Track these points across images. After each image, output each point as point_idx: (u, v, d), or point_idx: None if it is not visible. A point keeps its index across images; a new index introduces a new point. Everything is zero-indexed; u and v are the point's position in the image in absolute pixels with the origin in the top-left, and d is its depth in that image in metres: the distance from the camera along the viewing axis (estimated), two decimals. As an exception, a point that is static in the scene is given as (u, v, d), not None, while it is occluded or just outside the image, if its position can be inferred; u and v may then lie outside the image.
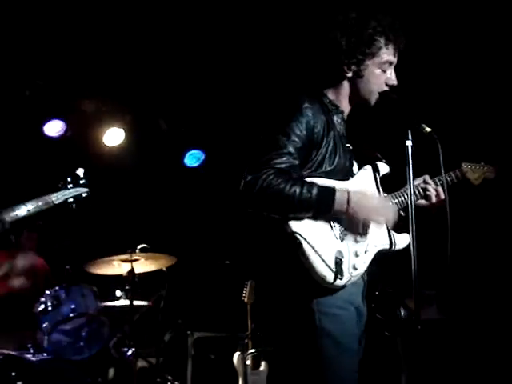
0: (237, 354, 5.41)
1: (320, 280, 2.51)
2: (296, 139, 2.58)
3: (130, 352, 4.76)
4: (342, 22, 2.76)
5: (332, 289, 2.56)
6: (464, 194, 3.05)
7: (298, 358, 2.59)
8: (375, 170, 2.87)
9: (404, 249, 2.78)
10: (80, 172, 3.63)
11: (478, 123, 5.18)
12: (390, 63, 2.79)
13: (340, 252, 2.58)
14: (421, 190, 2.92)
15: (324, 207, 2.56)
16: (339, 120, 2.80)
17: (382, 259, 2.82)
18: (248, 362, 5.41)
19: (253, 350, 5.38)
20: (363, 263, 2.65)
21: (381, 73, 2.77)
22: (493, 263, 5.10)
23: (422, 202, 2.94)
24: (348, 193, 2.58)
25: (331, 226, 2.61)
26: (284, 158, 2.54)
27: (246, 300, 5.50)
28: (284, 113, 2.66)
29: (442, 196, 2.89)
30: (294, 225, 2.54)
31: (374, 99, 2.79)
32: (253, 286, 5.47)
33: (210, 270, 6.09)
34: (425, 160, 2.65)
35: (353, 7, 2.78)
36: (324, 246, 2.54)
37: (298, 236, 2.52)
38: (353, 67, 2.75)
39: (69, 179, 3.60)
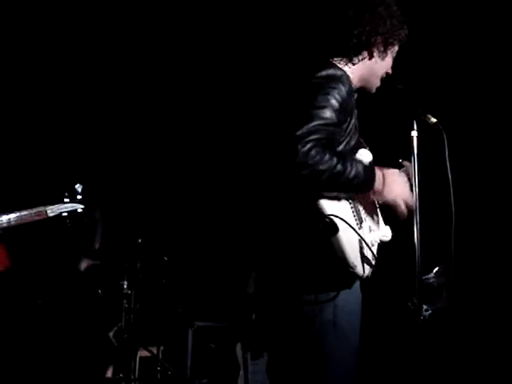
0: (239, 345, 5.40)
1: (349, 269, 2.36)
2: (338, 108, 2.40)
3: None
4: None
5: (353, 281, 2.46)
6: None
7: (303, 352, 2.51)
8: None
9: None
10: (78, 187, 3.62)
11: (482, 119, 5.15)
12: None
13: (361, 241, 2.42)
14: None
15: (367, 185, 2.47)
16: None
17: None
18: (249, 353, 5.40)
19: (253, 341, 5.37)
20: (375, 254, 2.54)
21: (391, 61, 2.72)
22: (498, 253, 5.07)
23: None
24: (382, 171, 2.52)
25: (353, 213, 2.47)
26: (331, 128, 2.37)
27: (249, 290, 5.48)
28: (324, 84, 2.44)
29: None
30: (328, 208, 2.35)
31: (375, 86, 2.73)
32: (253, 277, 5.45)
33: (211, 259, 6.08)
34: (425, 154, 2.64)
35: None
36: (352, 233, 2.38)
37: (334, 219, 2.32)
38: (381, 48, 2.63)
39: (66, 193, 3.59)
